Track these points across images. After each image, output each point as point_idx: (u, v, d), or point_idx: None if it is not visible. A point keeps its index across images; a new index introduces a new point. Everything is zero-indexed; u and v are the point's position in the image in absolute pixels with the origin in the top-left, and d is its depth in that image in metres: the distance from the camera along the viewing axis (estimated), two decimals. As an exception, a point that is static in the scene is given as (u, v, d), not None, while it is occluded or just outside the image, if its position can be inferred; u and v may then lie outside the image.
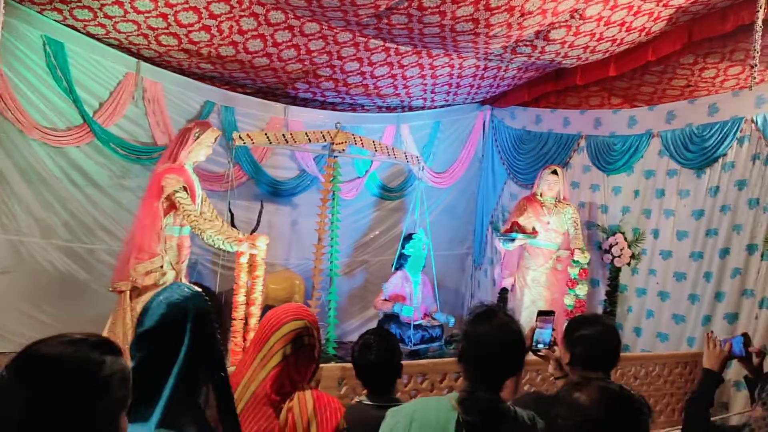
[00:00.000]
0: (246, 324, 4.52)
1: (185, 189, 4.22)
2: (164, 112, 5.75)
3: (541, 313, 2.73)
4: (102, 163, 5.58)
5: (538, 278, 5.92)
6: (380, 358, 2.62)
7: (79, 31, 5.21)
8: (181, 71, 5.88)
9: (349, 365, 3.50)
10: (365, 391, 2.64)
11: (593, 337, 2.39)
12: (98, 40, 5.32)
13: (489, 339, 2.00)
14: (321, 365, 3.43)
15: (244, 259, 4.38)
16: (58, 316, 5.49)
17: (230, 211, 5.61)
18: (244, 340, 4.54)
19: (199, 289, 1.76)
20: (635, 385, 4.56)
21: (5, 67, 5.00)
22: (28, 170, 5.26)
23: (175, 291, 1.72)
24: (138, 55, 5.58)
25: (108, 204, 5.64)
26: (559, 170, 6.05)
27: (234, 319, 4.43)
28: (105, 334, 4.19)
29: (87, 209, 5.56)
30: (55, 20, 5.07)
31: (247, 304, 4.50)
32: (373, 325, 6.67)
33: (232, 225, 5.60)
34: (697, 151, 5.69)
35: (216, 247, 4.31)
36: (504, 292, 6.51)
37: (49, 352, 1.24)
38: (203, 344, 1.66)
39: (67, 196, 5.45)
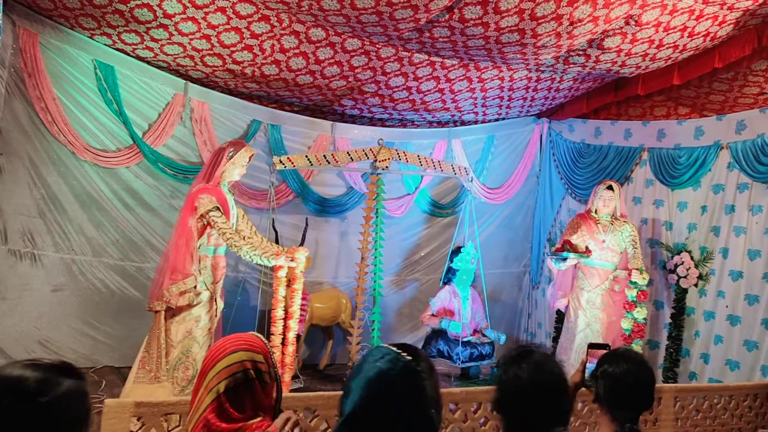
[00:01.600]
0: (284, 338, 4.45)
1: (218, 209, 4.19)
2: (211, 131, 5.81)
3: (592, 346, 2.50)
4: (151, 184, 5.69)
5: (594, 300, 5.58)
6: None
7: (128, 54, 5.34)
8: (229, 91, 5.94)
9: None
10: None
11: (618, 375, 2.19)
12: (147, 62, 5.44)
13: (521, 383, 1.87)
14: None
15: (282, 273, 4.33)
16: (110, 333, 5.62)
17: (275, 229, 5.60)
18: (283, 354, 4.47)
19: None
20: (697, 419, 4.19)
21: (58, 91, 5.17)
22: (80, 191, 5.41)
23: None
24: (186, 77, 5.68)
25: (157, 223, 5.74)
26: (615, 185, 5.71)
27: (272, 334, 4.37)
28: (141, 354, 4.21)
29: (137, 228, 5.67)
30: (105, 44, 5.21)
31: (286, 318, 4.44)
32: (422, 339, 6.49)
33: (276, 243, 5.59)
34: (770, 164, 5.24)
35: (254, 263, 4.29)
36: (561, 314, 6.19)
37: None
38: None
39: (117, 216, 5.58)
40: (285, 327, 4.50)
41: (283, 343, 4.51)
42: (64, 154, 5.30)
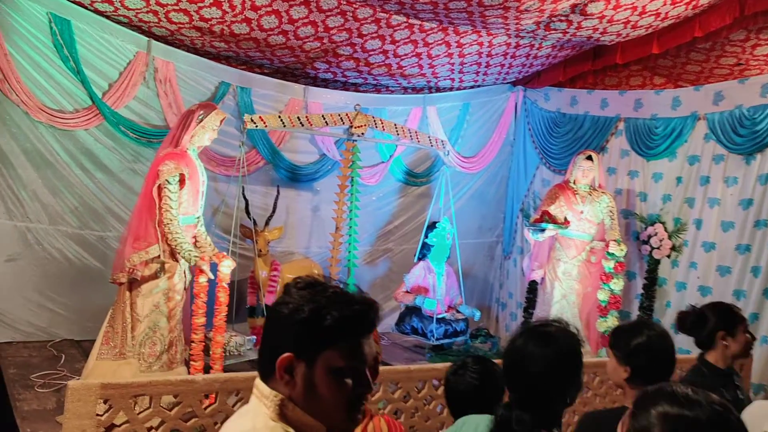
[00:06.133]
0: (212, 353, 4.13)
1: (181, 180, 3.93)
2: (177, 93, 5.50)
3: None
4: (112, 147, 5.38)
5: (570, 271, 5.53)
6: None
7: (86, 7, 4.99)
8: (195, 50, 5.62)
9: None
10: None
11: (654, 345, 2.14)
12: (106, 17, 5.09)
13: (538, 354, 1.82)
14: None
15: (203, 279, 3.94)
16: (68, 305, 5.35)
17: (244, 197, 5.37)
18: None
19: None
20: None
21: (10, 46, 4.80)
22: (34, 154, 5.08)
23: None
24: (149, 34, 5.34)
25: (119, 190, 5.45)
26: (594, 156, 5.63)
27: (193, 342, 4.03)
28: (104, 328, 3.98)
29: (96, 195, 5.37)
30: (61, -3, 4.85)
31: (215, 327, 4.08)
32: (395, 317, 6.38)
33: (246, 212, 5.37)
34: (747, 135, 5.22)
35: (179, 254, 3.95)
36: (533, 284, 6.14)
37: None
38: None
39: (75, 182, 5.27)
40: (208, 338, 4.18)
41: (207, 353, 4.18)
42: (17, 114, 4.94)
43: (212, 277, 4.00)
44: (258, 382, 1.30)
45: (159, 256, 3.95)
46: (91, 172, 5.33)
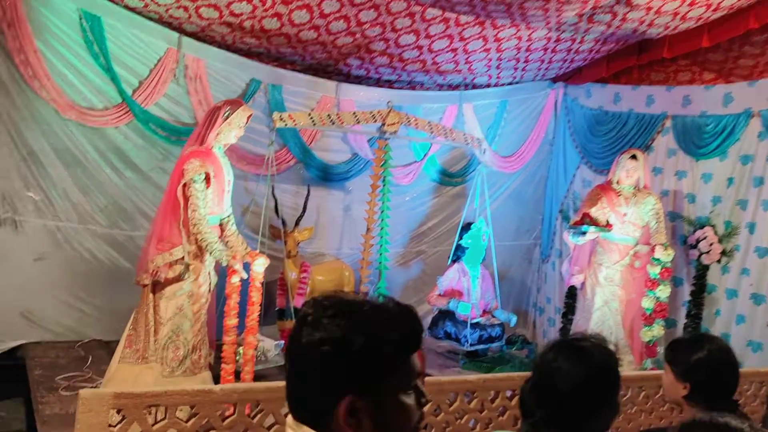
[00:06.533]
0: (244, 354, 4.03)
1: (207, 179, 3.81)
2: (207, 90, 5.40)
3: None
4: (142, 146, 5.30)
5: (612, 276, 5.25)
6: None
7: (116, 3, 4.91)
8: (226, 47, 5.51)
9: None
10: None
11: (715, 360, 2.07)
12: (137, 13, 5.01)
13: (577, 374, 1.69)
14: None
15: (235, 279, 3.82)
16: (97, 306, 5.30)
17: (274, 196, 5.25)
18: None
19: None
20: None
21: (40, 42, 4.76)
22: (64, 152, 5.03)
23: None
24: (179, 30, 5.25)
25: (149, 189, 5.36)
26: (639, 155, 5.34)
27: (224, 344, 3.92)
28: (127, 331, 3.89)
29: (126, 194, 5.30)
30: (91, -8, 4.78)
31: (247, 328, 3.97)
32: (428, 321, 6.18)
33: (276, 212, 5.25)
34: (806, 134, 4.88)
35: (210, 254, 3.82)
36: (572, 289, 5.88)
37: None
38: None
39: (105, 180, 5.20)
40: (244, 342, 4.06)
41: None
42: (47, 111, 4.89)
43: (246, 276, 3.87)
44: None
45: (183, 258, 3.84)
46: (120, 171, 5.27)
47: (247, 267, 3.90)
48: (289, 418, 1.18)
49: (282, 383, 2.49)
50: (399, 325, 1.14)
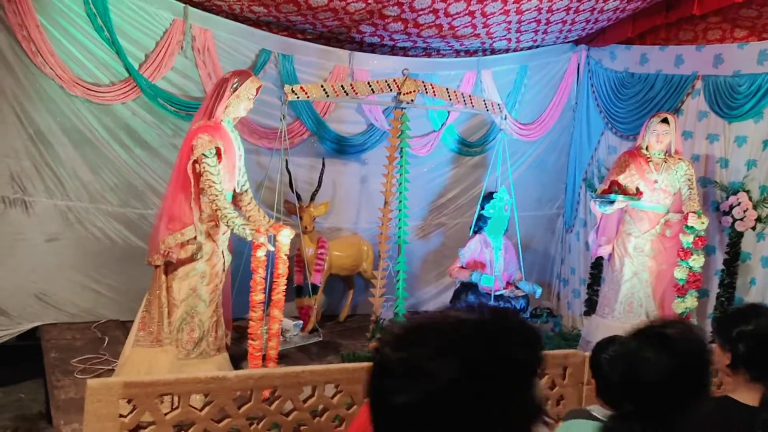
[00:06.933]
0: (269, 329, 3.93)
1: (217, 153, 3.64)
2: (216, 62, 5.22)
3: None
4: (151, 122, 5.16)
5: (642, 246, 5.03)
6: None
7: (118, -27, 4.72)
8: (234, 16, 5.31)
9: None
10: None
11: (759, 331, 2.05)
12: (140, -17, 4.82)
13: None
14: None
15: (261, 253, 3.72)
16: (112, 285, 5.22)
17: (288, 170, 5.08)
18: (267, 349, 3.95)
19: None
20: None
21: (42, 17, 4.59)
22: (72, 130, 4.90)
23: None
24: (185, 0, 5.05)
25: (159, 165, 5.23)
26: (671, 118, 5.07)
27: (251, 320, 3.82)
28: (140, 313, 3.77)
29: (137, 171, 5.17)
30: (91, -37, 4.59)
31: (270, 303, 3.88)
32: (450, 294, 6.02)
33: (291, 187, 5.09)
34: None
35: (232, 230, 3.68)
36: (598, 260, 5.68)
37: None
38: None
39: (114, 158, 5.07)
40: (269, 316, 3.98)
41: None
42: (52, 88, 4.76)
43: (272, 248, 3.76)
44: None
45: (195, 238, 3.70)
46: (130, 148, 5.13)
47: (270, 240, 3.80)
48: None
49: (300, 368, 2.34)
50: (532, 335, 0.92)
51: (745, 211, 5.14)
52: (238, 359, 4.21)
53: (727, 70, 5.44)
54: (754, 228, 5.15)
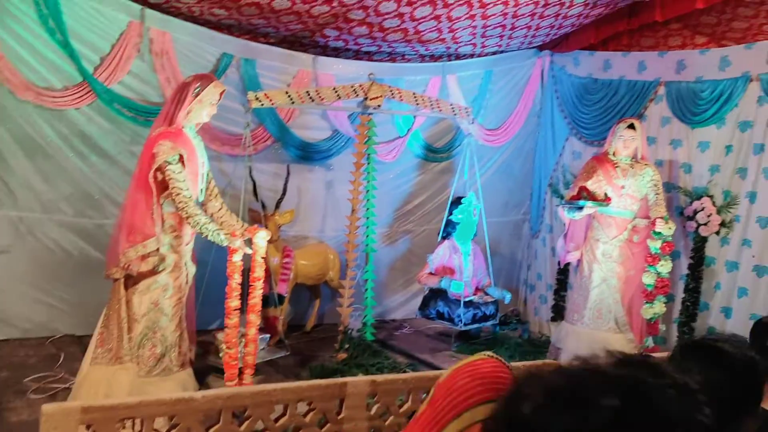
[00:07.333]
0: (245, 335, 3.79)
1: (181, 160, 3.49)
2: (175, 66, 5.05)
3: None
4: (107, 128, 4.97)
5: (611, 252, 5.04)
6: None
7: (71, -26, 4.52)
8: (193, 19, 5.15)
9: (382, 378, 2.82)
10: None
11: None
12: (94, -16, 4.63)
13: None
14: (347, 379, 2.75)
15: (237, 257, 3.58)
16: (68, 299, 5.01)
17: (252, 178, 4.93)
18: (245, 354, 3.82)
19: None
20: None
21: (-9, 19, 4.36)
22: (23, 137, 4.68)
23: None
24: (142, 1, 4.87)
25: (117, 174, 5.04)
26: (637, 124, 5.10)
27: (227, 327, 3.68)
28: (98, 329, 3.58)
29: (93, 180, 4.98)
30: (43, -38, 4.38)
31: (246, 310, 3.74)
32: (418, 302, 5.94)
33: (255, 195, 4.94)
34: (808, 97, 4.67)
35: (205, 237, 3.53)
36: (565, 266, 5.67)
37: None
38: None
39: (69, 166, 4.87)
40: (246, 322, 3.84)
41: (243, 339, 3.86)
42: (1, 93, 4.54)
43: (249, 251, 3.62)
44: None
45: (158, 250, 3.53)
46: (85, 156, 4.93)
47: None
48: None
49: (271, 386, 2.21)
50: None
51: (709, 216, 5.19)
52: (202, 374, 4.05)
53: (690, 76, 5.51)
54: (718, 233, 5.20)
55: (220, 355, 3.86)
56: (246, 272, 3.79)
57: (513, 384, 0.91)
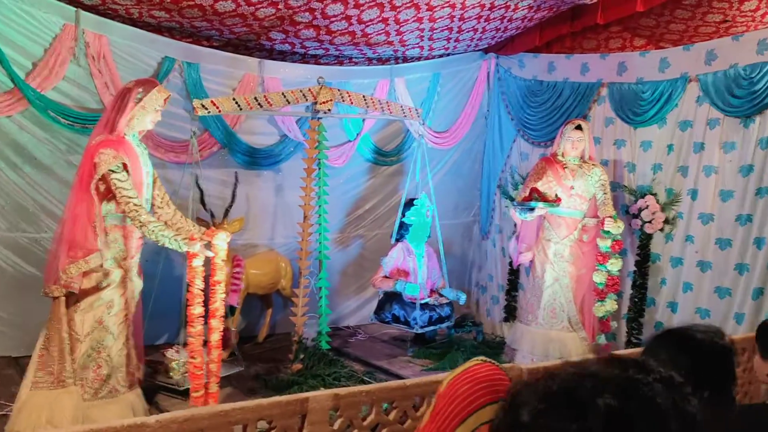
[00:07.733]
0: (207, 342, 3.64)
1: (125, 168, 3.32)
2: (114, 71, 4.84)
3: None
4: (42, 137, 4.72)
5: (562, 252, 5.10)
6: None
7: (-1, -25, 4.27)
8: (132, 22, 4.94)
9: (345, 391, 2.73)
10: None
11: None
12: (24, -14, 4.38)
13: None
14: (308, 394, 2.65)
15: (198, 262, 3.43)
16: (3, 318, 4.72)
17: (199, 186, 4.76)
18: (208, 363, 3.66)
19: None
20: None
21: None
22: (-52, 148, 4.38)
23: None
24: (77, 3, 4.64)
25: (53, 185, 4.79)
26: (584, 125, 5.18)
27: (190, 335, 3.53)
28: (38, 351, 3.36)
29: (27, 192, 4.72)
30: (-33, -38, 4.12)
31: (207, 315, 3.61)
32: (373, 306, 5.87)
33: (202, 203, 4.78)
34: (744, 96, 4.81)
35: (161, 245, 3.37)
36: (517, 268, 5.71)
37: None
38: None
39: (0, 178, 4.57)
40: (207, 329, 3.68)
41: (206, 345, 3.70)
42: (-77, 101, 4.24)
43: (210, 254, 3.46)
44: None
45: (101, 265, 3.34)
46: (18, 166, 4.67)
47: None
48: None
49: (229, 405, 2.10)
50: None
51: (653, 214, 5.32)
52: (151, 394, 3.86)
53: (631, 78, 5.63)
54: (662, 230, 5.33)
55: (171, 373, 3.69)
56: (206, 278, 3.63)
57: (507, 395, 0.94)
